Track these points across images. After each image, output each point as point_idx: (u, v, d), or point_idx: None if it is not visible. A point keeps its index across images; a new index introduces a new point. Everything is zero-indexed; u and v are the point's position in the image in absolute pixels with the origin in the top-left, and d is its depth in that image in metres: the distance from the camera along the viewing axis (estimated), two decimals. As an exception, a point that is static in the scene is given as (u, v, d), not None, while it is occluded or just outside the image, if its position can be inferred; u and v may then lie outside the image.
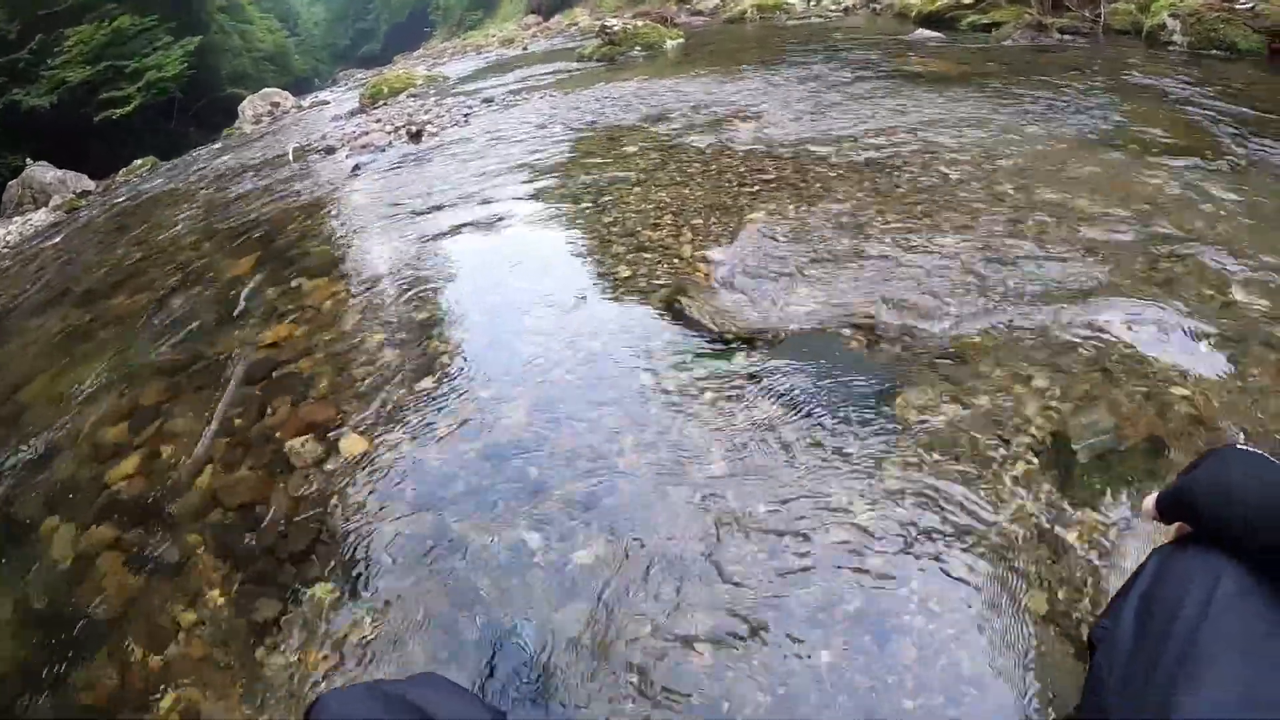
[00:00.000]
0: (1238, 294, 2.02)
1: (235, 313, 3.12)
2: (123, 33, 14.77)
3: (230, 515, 1.90)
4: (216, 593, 1.68)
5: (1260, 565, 0.75)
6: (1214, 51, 5.06)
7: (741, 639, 1.29)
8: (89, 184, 9.37)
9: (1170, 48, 5.33)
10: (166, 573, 1.79)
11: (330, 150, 6.20)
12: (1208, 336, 1.85)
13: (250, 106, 12.01)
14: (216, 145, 10.05)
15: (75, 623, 1.73)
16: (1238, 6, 5.30)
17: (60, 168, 9.78)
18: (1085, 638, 0.90)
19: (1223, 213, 2.47)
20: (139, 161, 10.19)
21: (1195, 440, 1.54)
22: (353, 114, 8.62)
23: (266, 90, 13.29)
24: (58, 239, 6.45)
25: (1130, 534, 1.36)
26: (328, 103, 11.83)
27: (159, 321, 3.33)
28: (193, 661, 1.52)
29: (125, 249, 5.05)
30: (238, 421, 2.29)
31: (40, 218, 7.75)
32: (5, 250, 6.74)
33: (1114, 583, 1.24)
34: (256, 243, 4.13)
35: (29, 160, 10.34)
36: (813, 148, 3.68)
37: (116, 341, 3.26)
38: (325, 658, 1.44)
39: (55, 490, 2.27)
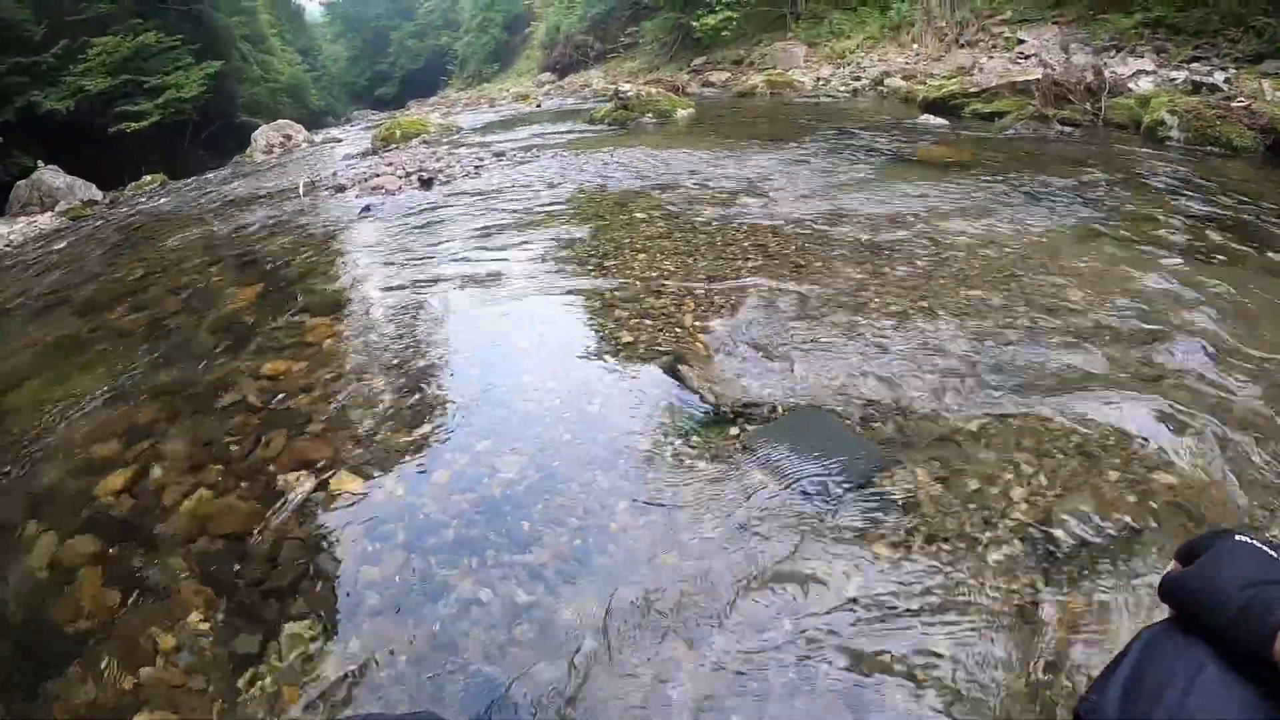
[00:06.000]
0: (1223, 386, 2.12)
1: (236, 341, 3.14)
2: (147, 48, 15.05)
3: (217, 543, 1.91)
4: (197, 618, 1.68)
5: (1241, 661, 0.79)
6: (1210, 148, 5.23)
7: (722, 704, 1.31)
8: (96, 193, 9.45)
9: (1168, 143, 5.51)
10: (148, 594, 1.78)
11: (340, 189, 6.30)
12: (1191, 426, 1.93)
13: (264, 136, 12.22)
14: (227, 170, 10.18)
15: (50, 634, 1.72)
16: (1234, 105, 5.54)
17: (70, 174, 9.86)
18: (1072, 712, 0.94)
19: (1212, 306, 2.60)
20: (148, 178, 10.29)
21: (1177, 526, 1.61)
22: (365, 154, 8.79)
23: (281, 121, 13.54)
24: (61, 245, 6.48)
25: (1110, 616, 1.41)
26: (340, 140, 12.07)
27: (158, 341, 3.35)
28: (169, 685, 1.52)
29: (129, 263, 5.08)
30: (232, 450, 2.30)
31: (45, 221, 7.79)
32: (8, 249, 6.75)
33: (1093, 662, 1.29)
34: (261, 273, 4.19)
35: (40, 163, 10.45)
36: (816, 226, 3.81)
37: (113, 356, 3.27)
38: (304, 695, 1.44)
39: (39, 498, 2.26)
